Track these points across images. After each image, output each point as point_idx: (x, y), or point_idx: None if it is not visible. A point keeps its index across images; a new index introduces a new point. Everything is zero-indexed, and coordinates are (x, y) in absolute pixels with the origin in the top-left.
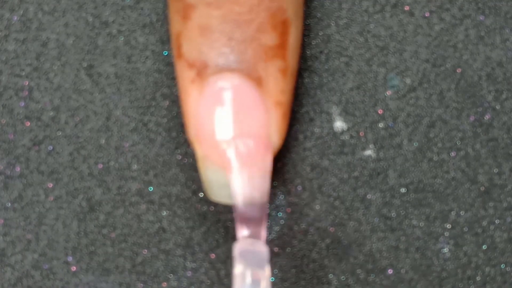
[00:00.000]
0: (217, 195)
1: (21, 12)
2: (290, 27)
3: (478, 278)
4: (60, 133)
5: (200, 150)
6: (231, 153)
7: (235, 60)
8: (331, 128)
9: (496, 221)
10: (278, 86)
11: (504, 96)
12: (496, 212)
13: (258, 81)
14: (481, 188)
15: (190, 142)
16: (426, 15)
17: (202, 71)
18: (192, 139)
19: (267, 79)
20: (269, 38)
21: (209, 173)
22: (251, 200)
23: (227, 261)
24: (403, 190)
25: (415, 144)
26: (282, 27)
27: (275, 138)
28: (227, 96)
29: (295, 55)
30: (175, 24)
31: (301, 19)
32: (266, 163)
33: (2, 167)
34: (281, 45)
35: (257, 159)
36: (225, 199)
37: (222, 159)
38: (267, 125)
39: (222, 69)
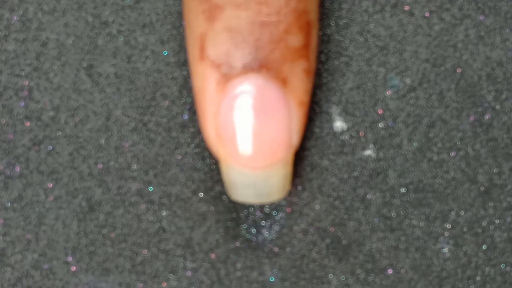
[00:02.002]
0: (241, 196)
1: (21, 12)
2: (313, 28)
3: (478, 278)
4: (60, 133)
5: (223, 151)
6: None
7: (262, 61)
8: (331, 128)
9: (496, 221)
10: (302, 86)
11: (504, 96)
12: (496, 212)
13: (283, 81)
14: (481, 188)
15: (209, 144)
16: (426, 15)
17: (227, 73)
18: (212, 141)
19: (292, 79)
20: (296, 39)
21: (232, 174)
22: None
23: (227, 261)
24: (403, 190)
25: (415, 144)
26: (307, 29)
27: (296, 136)
28: (252, 97)
29: (316, 55)
30: (199, 25)
31: (318, 21)
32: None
33: (2, 167)
34: (306, 46)
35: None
36: (249, 199)
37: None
38: (289, 126)
39: (248, 70)
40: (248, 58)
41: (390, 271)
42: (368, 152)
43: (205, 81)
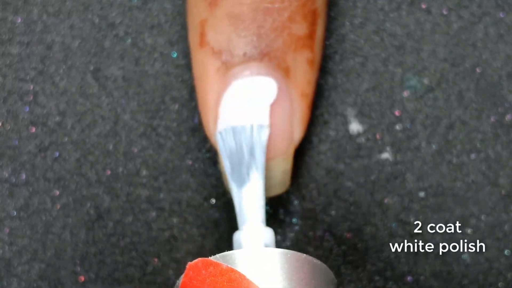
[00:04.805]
0: None
1: (25, 14)
2: (319, 18)
3: (500, 285)
4: (66, 138)
5: None
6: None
7: (264, 49)
8: (347, 130)
9: None
10: (305, 77)
11: None
12: None
13: (285, 71)
14: (502, 191)
15: (208, 134)
16: (444, 12)
17: (228, 60)
18: (212, 131)
19: (295, 69)
20: (300, 28)
21: None
22: None
23: None
24: (421, 194)
25: (434, 147)
26: (312, 18)
27: (298, 130)
28: (253, 86)
29: (321, 47)
30: (199, 11)
31: (326, 12)
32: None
33: (7, 175)
34: (310, 36)
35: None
36: None
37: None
38: (291, 117)
39: (249, 59)
40: (250, 46)
41: (409, 278)
42: (385, 155)
43: (205, 69)
